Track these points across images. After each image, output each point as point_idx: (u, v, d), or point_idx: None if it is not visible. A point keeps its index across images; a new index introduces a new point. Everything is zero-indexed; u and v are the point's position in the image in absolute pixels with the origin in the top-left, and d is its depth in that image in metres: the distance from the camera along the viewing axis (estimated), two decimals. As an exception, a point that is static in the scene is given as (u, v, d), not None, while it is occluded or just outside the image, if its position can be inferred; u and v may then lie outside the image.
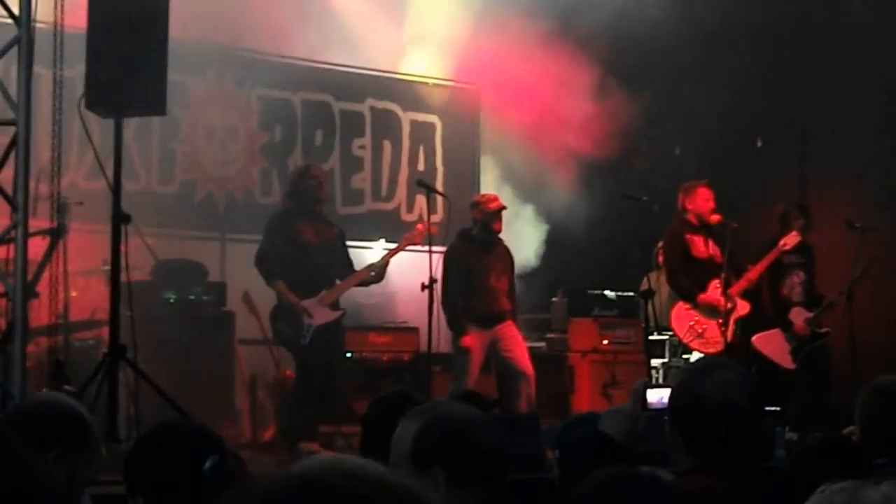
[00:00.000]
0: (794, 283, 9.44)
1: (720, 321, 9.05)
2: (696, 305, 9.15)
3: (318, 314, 8.57)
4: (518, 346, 9.11)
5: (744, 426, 3.08)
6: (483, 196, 9.46)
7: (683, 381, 3.25)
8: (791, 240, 9.28)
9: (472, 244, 9.14)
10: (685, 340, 9.14)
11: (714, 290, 9.12)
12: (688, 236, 9.24)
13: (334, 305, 8.73)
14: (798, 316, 9.35)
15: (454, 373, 9.08)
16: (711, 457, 3.05)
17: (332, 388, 8.61)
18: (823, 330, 9.36)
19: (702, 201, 9.20)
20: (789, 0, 10.90)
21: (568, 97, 11.15)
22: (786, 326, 9.33)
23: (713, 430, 3.05)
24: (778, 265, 9.34)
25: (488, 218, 9.11)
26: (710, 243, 9.23)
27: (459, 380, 8.89)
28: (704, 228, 9.23)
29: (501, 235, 9.32)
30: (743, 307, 9.23)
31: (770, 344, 9.30)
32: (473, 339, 8.96)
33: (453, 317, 8.98)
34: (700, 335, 9.11)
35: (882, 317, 9.92)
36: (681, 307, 9.23)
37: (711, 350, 8.96)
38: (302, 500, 1.37)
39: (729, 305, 9.10)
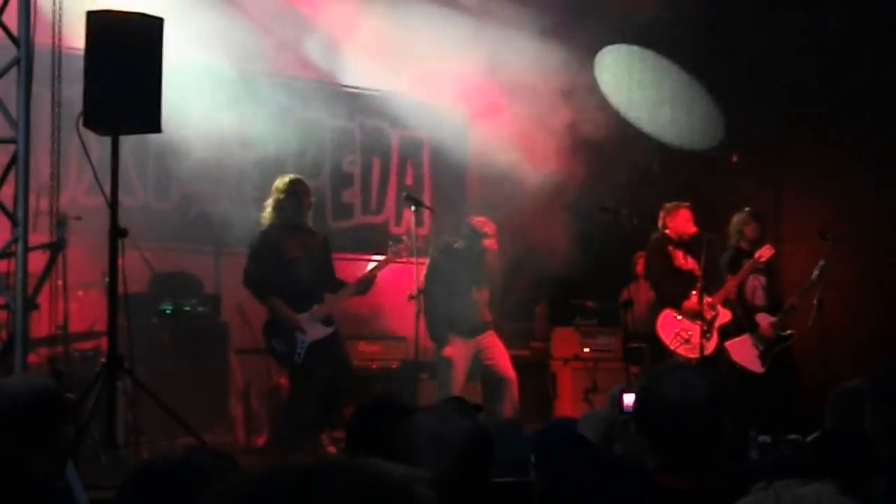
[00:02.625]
0: (756, 286, 9.64)
1: (704, 328, 9.27)
2: (681, 312, 9.36)
3: (312, 330, 8.57)
4: (500, 353, 9.24)
5: (704, 425, 3.13)
6: (485, 227, 9.31)
7: (647, 383, 3.31)
8: (766, 252, 9.52)
9: (455, 258, 9.24)
10: (672, 347, 9.29)
11: (696, 298, 9.35)
12: (669, 248, 9.48)
13: (327, 321, 8.72)
14: (763, 320, 9.57)
15: (439, 381, 9.20)
16: (674, 456, 3.12)
17: (337, 400, 8.60)
18: (787, 332, 9.58)
19: (682, 222, 9.44)
20: (765, 17, 11.04)
21: (549, 112, 11.30)
22: (753, 329, 9.54)
23: (675, 430, 3.11)
24: (738, 268, 9.54)
25: (476, 250, 9.21)
26: (689, 258, 9.49)
27: (444, 387, 9.01)
28: (683, 245, 9.48)
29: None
30: (725, 315, 9.43)
31: (740, 350, 9.50)
32: (457, 349, 9.09)
33: (435, 328, 9.11)
34: (686, 341, 9.28)
35: (852, 323, 10.09)
36: (666, 315, 9.40)
37: (697, 355, 9.15)
38: (294, 490, 1.40)
39: (712, 314, 9.32)
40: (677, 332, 9.32)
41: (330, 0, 11.27)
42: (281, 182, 9.14)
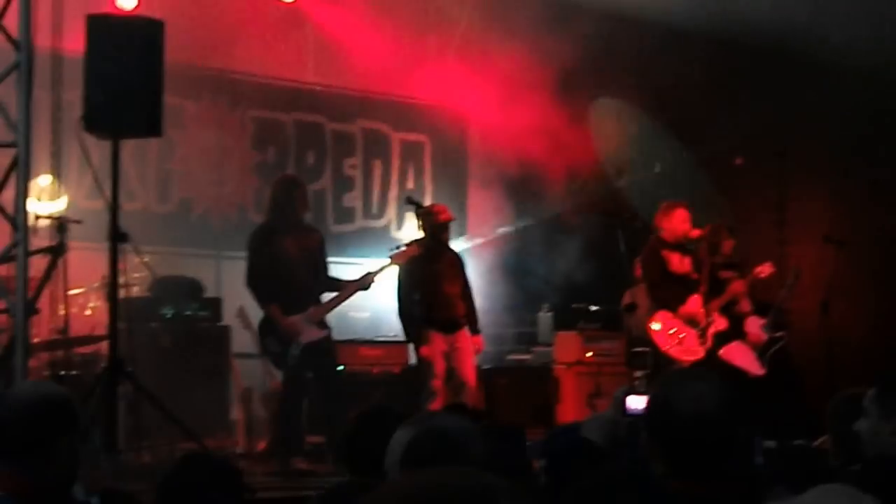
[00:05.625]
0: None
1: (699, 332, 9.22)
2: (678, 315, 9.30)
3: (307, 332, 8.53)
4: (466, 358, 9.14)
5: (716, 434, 3.09)
6: (433, 207, 9.45)
7: (658, 391, 3.26)
8: (766, 269, 9.39)
9: (422, 253, 9.04)
10: (664, 348, 9.21)
11: (693, 304, 9.29)
12: (664, 253, 9.39)
13: (322, 323, 8.69)
14: (753, 324, 9.48)
15: (420, 381, 9.09)
16: (685, 463, 3.09)
17: (324, 403, 8.59)
18: (779, 334, 9.52)
19: (678, 222, 9.36)
20: (766, 19, 11.03)
21: (550, 118, 11.30)
22: (742, 336, 9.45)
23: (686, 439, 3.07)
24: (716, 282, 9.46)
25: (436, 229, 9.15)
26: (686, 260, 9.40)
27: (425, 387, 8.95)
28: (679, 247, 9.40)
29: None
30: (721, 322, 9.35)
31: (737, 354, 9.41)
32: (435, 346, 9.01)
33: (410, 326, 9.03)
34: (680, 343, 9.24)
35: (857, 328, 10.07)
36: (663, 314, 9.36)
37: (689, 358, 9.06)
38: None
39: (708, 319, 9.28)
40: (672, 332, 9.26)
41: (330, 2, 11.28)
42: (283, 179, 9.13)
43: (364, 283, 8.82)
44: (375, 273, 8.90)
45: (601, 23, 10.72)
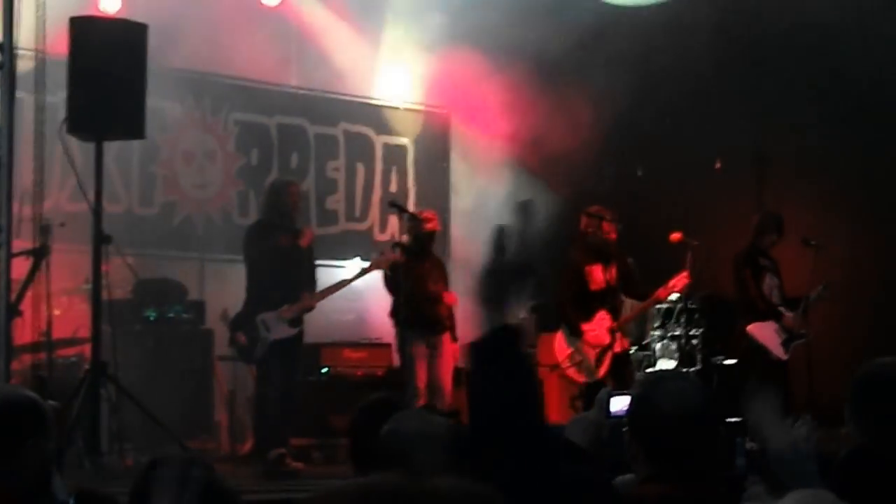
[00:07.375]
0: (772, 285, 9.54)
1: (598, 353, 9.21)
2: (580, 339, 9.26)
3: (276, 329, 8.60)
4: (445, 364, 9.22)
5: (699, 435, 3.11)
6: (422, 214, 9.53)
7: (640, 391, 3.29)
8: (680, 281, 9.29)
9: (406, 254, 9.16)
10: (563, 366, 9.28)
11: (600, 322, 9.25)
12: (588, 268, 9.28)
13: (294, 322, 8.74)
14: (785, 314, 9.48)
15: (404, 379, 9.14)
16: (668, 465, 3.10)
17: (289, 403, 8.63)
18: (802, 331, 9.47)
19: (608, 228, 9.21)
20: (744, 22, 11.07)
21: (532, 120, 11.31)
22: (778, 317, 9.42)
23: (669, 440, 3.08)
24: (756, 266, 9.47)
25: (423, 237, 9.26)
26: (611, 270, 9.30)
27: (409, 387, 8.98)
28: (603, 256, 9.29)
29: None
30: (621, 344, 9.34)
31: (765, 333, 9.39)
32: (418, 348, 9.09)
33: (401, 330, 9.11)
34: (579, 364, 9.22)
35: (837, 333, 10.10)
36: (563, 334, 9.37)
37: (586, 380, 9.15)
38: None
39: (608, 340, 9.23)
40: (571, 353, 9.27)
41: (313, 6, 11.28)
42: (275, 183, 9.32)
43: (334, 290, 8.89)
44: (349, 280, 8.99)
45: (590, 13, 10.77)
